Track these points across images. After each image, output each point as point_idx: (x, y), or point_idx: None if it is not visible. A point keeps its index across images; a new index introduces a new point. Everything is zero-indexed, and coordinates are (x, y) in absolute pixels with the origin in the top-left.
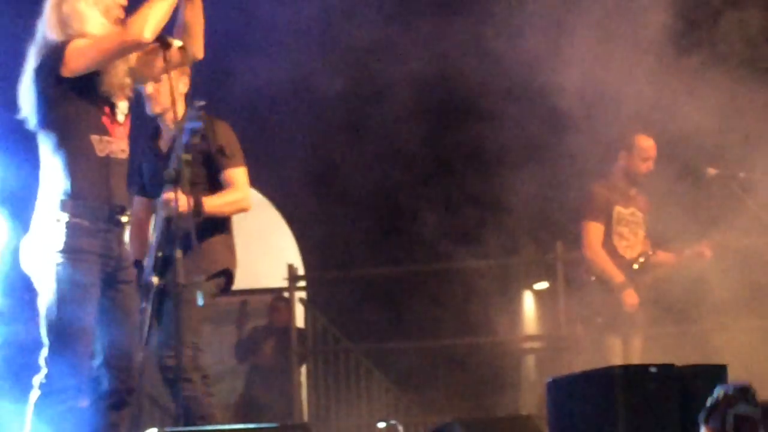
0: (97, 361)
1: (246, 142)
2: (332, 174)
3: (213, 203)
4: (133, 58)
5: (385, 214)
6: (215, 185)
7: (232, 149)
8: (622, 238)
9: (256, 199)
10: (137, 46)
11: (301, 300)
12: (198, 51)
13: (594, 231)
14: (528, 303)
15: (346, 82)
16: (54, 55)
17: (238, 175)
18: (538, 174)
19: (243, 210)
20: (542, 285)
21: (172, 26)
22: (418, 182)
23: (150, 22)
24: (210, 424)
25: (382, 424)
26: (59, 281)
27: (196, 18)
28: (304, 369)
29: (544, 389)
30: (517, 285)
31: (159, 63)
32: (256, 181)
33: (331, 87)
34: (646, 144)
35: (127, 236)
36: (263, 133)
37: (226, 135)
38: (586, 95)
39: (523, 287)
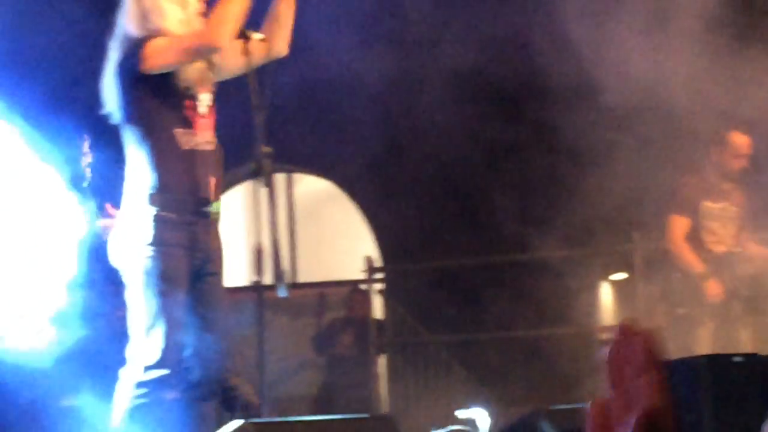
0: (187, 352)
1: (320, 136)
2: (408, 165)
3: None
4: None
5: (461, 204)
6: None
7: None
8: (711, 233)
9: (333, 192)
10: (213, 50)
11: (379, 291)
12: (283, 47)
13: (678, 225)
14: (605, 293)
15: (417, 70)
16: (133, 52)
17: None
18: (615, 162)
19: None
20: (619, 276)
21: (259, 17)
22: (495, 172)
23: (226, 26)
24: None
25: (461, 413)
26: (148, 274)
27: (287, 12)
28: (382, 360)
29: None
30: (594, 275)
31: (240, 56)
32: (332, 174)
33: (400, 75)
34: (740, 141)
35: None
36: (336, 126)
37: None
38: (665, 83)
39: (600, 278)
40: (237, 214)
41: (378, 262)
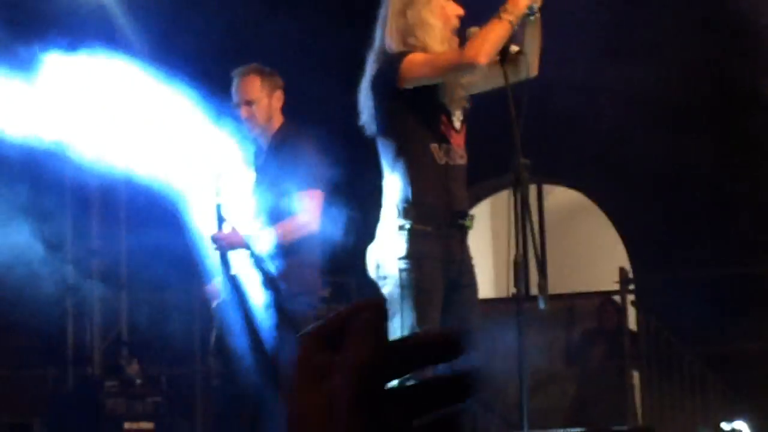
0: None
1: (569, 147)
2: (659, 175)
3: (271, 234)
4: None
5: (715, 214)
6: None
7: (302, 171)
8: None
9: (584, 202)
10: (472, 69)
11: (632, 303)
12: (532, 68)
13: None
14: None
15: (666, 80)
16: (391, 67)
17: (301, 199)
18: None
19: (306, 234)
20: None
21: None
22: (749, 180)
23: (487, 47)
24: None
25: (726, 425)
26: (404, 287)
27: (535, 34)
28: (635, 372)
29: None
30: None
31: (494, 71)
32: (582, 185)
33: (649, 86)
34: None
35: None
36: (585, 137)
37: (301, 154)
38: None
39: None
40: (483, 227)
41: (630, 273)
